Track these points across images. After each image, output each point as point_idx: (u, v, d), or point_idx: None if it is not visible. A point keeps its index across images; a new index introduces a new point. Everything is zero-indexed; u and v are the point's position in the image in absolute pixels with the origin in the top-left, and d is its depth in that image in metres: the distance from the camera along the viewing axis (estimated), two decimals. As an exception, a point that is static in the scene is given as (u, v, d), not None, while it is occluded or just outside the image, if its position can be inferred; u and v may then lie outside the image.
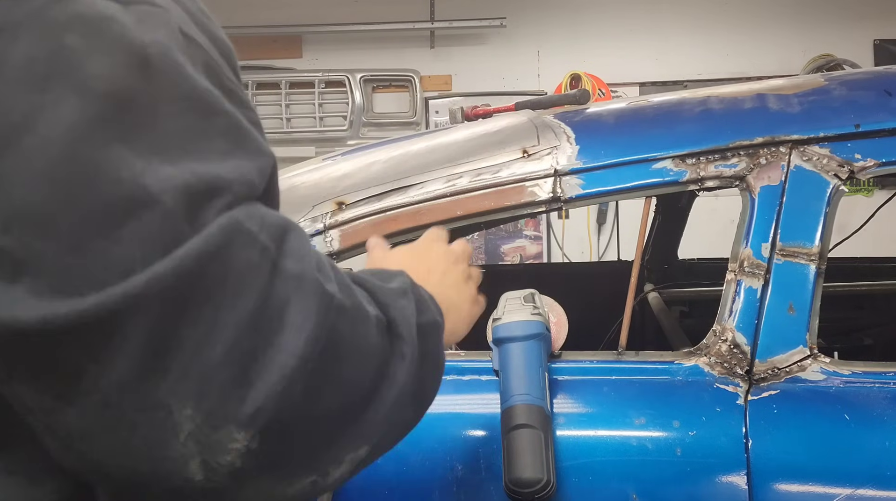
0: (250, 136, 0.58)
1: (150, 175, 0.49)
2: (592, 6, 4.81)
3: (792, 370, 1.15)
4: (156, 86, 0.51)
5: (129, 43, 0.50)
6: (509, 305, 1.21)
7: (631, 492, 1.09)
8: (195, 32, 0.57)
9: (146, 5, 0.53)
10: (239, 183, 0.54)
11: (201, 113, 0.53)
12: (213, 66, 0.57)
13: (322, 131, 4.78)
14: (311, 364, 0.54)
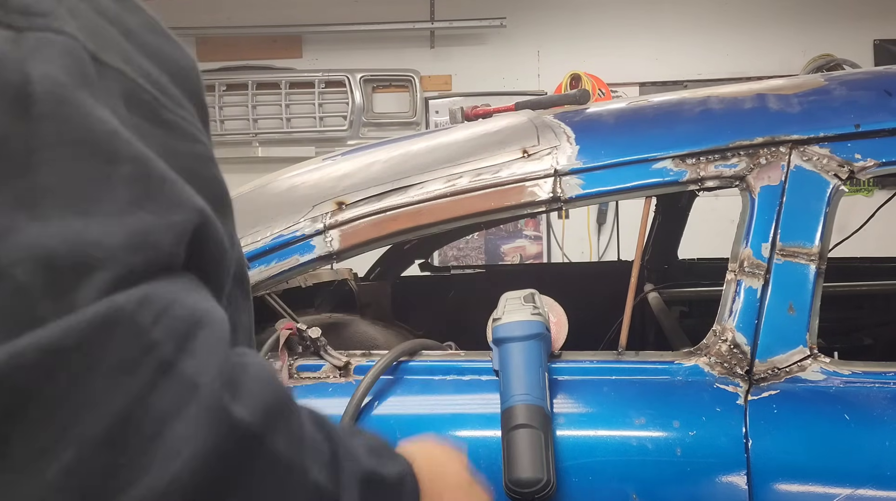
0: (166, 187, 0.47)
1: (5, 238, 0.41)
2: (592, 6, 4.81)
3: (792, 370, 1.15)
4: (36, 128, 0.43)
5: (8, 78, 0.43)
6: (509, 305, 1.21)
7: (631, 492, 1.09)
8: (120, 57, 0.49)
9: (47, 31, 0.45)
10: (132, 249, 0.44)
11: (97, 159, 0.45)
12: (141, 96, 0.49)
13: (322, 131, 4.78)
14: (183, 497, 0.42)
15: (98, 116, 0.45)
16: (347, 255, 1.33)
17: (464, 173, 1.33)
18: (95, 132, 0.45)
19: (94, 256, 0.43)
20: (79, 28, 0.47)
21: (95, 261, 0.42)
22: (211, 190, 0.53)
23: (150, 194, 0.46)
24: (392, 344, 1.31)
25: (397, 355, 1.22)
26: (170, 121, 0.51)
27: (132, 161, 0.46)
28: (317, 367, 1.25)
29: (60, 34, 0.46)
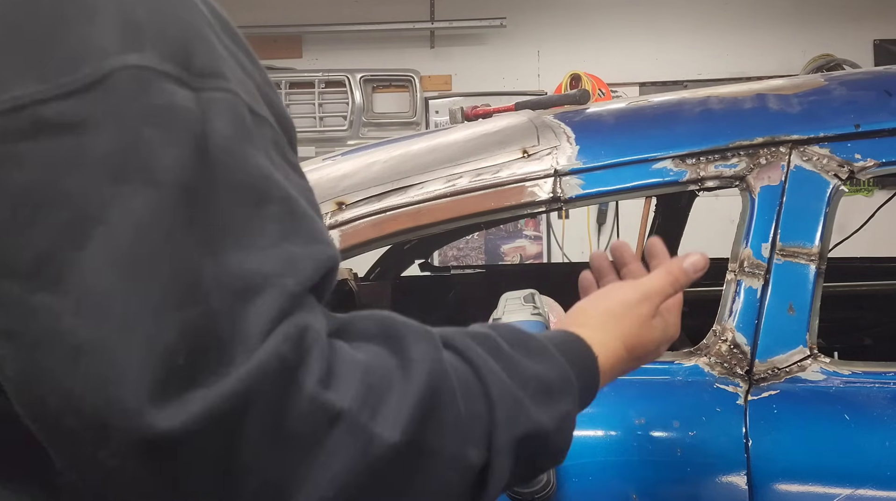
0: (305, 223, 0.54)
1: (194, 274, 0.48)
2: (592, 6, 4.81)
3: (792, 370, 1.15)
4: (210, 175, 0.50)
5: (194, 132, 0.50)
6: (509, 305, 1.21)
7: (631, 492, 1.09)
8: (263, 109, 0.56)
9: (218, 91, 0.52)
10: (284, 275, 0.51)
11: (253, 200, 0.51)
12: (278, 140, 0.56)
13: (322, 131, 4.78)
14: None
15: (255, 163, 0.52)
16: (347, 255, 1.33)
17: (464, 173, 1.33)
18: (254, 177, 0.52)
19: (255, 282, 0.49)
20: (237, 84, 0.54)
21: (256, 287, 0.49)
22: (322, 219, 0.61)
23: (295, 229, 0.53)
24: (392, 344, 1.31)
25: (397, 355, 1.22)
26: (293, 162, 0.58)
27: (281, 201, 0.53)
28: (317, 367, 1.25)
29: (227, 93, 0.52)
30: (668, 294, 0.83)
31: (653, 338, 0.81)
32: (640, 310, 0.80)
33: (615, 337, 0.77)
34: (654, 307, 0.81)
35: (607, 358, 0.75)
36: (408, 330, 0.58)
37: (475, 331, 0.64)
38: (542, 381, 0.64)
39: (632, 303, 0.80)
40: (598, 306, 0.82)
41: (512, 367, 0.62)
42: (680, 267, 0.84)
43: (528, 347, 0.66)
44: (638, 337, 0.79)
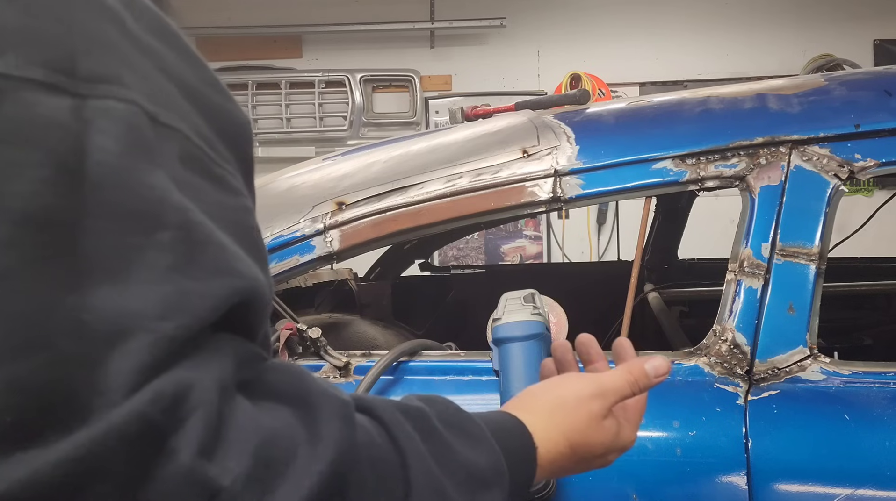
0: (210, 252, 0.47)
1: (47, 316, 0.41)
2: (592, 6, 4.80)
3: (792, 370, 1.15)
4: (84, 200, 0.43)
5: (63, 152, 0.43)
6: (509, 305, 1.21)
7: (631, 492, 1.09)
8: (177, 115, 0.49)
9: (108, 99, 0.45)
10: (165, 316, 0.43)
11: (141, 227, 0.44)
12: (193, 152, 0.49)
13: (322, 131, 4.78)
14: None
15: (148, 183, 0.45)
16: (347, 255, 1.33)
17: (464, 173, 1.33)
18: (144, 200, 0.45)
19: (125, 324, 0.42)
20: (140, 90, 0.47)
21: (126, 331, 0.42)
22: (256, 243, 0.53)
23: (192, 260, 0.46)
24: (392, 345, 1.31)
25: (397, 355, 1.22)
26: (219, 176, 0.51)
27: (177, 227, 0.45)
28: (317, 368, 1.25)
29: (122, 101, 0.46)
30: (624, 394, 0.77)
31: (601, 441, 0.74)
32: (591, 406, 0.74)
33: (560, 431, 0.71)
34: (607, 406, 0.75)
35: (548, 452, 0.70)
36: (324, 401, 0.50)
37: (409, 405, 0.59)
38: (472, 471, 0.59)
39: (584, 397, 0.74)
40: (548, 393, 0.76)
41: (442, 452, 0.58)
42: (641, 369, 0.78)
43: (463, 430, 0.62)
44: (584, 435, 0.73)
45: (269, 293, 0.52)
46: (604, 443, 0.74)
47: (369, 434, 0.52)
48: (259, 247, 0.53)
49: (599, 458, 0.76)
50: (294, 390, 0.50)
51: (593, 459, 0.75)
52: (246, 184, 0.54)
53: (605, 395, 0.75)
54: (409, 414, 0.58)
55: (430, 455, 0.56)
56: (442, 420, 0.61)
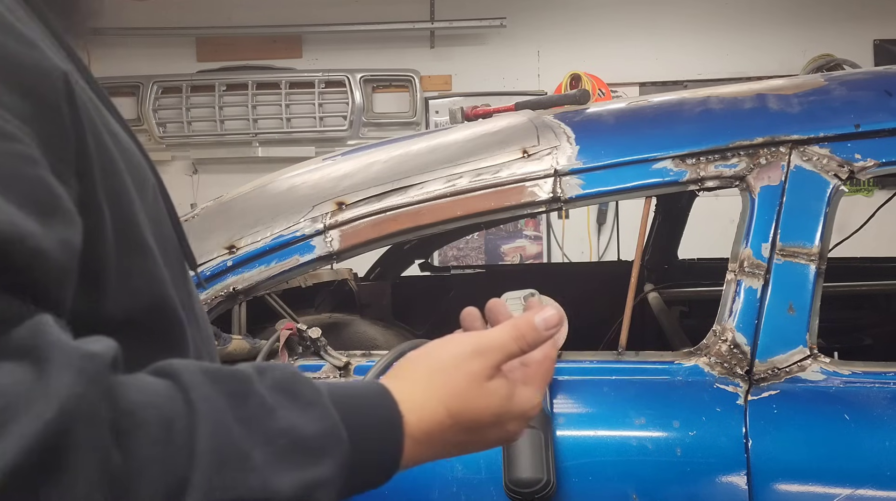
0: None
1: None
2: (592, 6, 4.80)
3: (792, 370, 1.15)
4: None
5: None
6: (509, 305, 1.21)
7: (631, 492, 1.09)
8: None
9: None
10: None
11: None
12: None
13: (322, 131, 4.78)
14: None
15: None
16: (347, 255, 1.33)
17: (464, 173, 1.33)
18: None
19: None
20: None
21: None
22: (36, 193, 0.48)
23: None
24: (392, 344, 1.31)
25: (397, 355, 1.22)
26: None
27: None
28: (317, 367, 1.25)
29: None
30: (510, 351, 0.67)
31: (487, 406, 0.65)
32: (471, 367, 0.65)
33: (436, 399, 0.63)
34: (490, 365, 0.65)
35: (421, 421, 0.62)
36: (58, 354, 0.44)
37: (225, 370, 0.54)
38: (296, 438, 0.53)
39: (462, 357, 0.65)
40: (424, 357, 0.68)
41: (257, 416, 0.52)
42: (528, 322, 0.68)
43: (295, 394, 0.55)
44: (465, 400, 0.64)
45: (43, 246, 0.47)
46: (491, 408, 0.65)
47: (146, 394, 0.47)
48: (34, 198, 0.48)
49: (494, 428, 0.67)
50: (29, 345, 0.45)
51: (486, 430, 0.66)
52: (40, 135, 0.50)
53: (487, 353, 0.66)
54: (220, 377, 0.52)
55: (237, 421, 0.50)
56: (270, 386, 0.54)
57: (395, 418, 0.61)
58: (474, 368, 0.65)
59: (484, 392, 0.65)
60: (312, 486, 0.52)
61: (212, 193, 2.42)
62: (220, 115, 4.79)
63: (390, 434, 0.60)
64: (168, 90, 4.81)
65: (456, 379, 0.64)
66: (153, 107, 4.80)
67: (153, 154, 4.86)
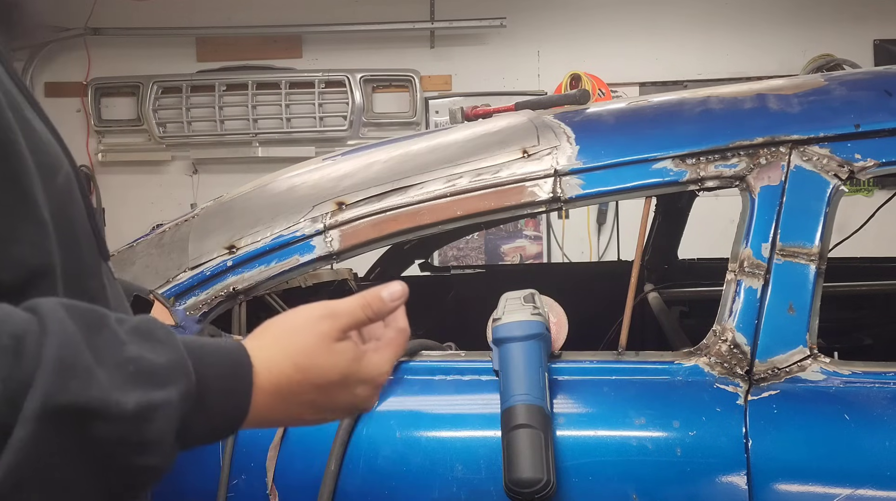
0: None
1: None
2: (592, 6, 4.80)
3: (792, 370, 1.15)
4: None
5: None
6: (509, 305, 1.21)
7: (631, 492, 1.09)
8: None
9: None
10: None
11: None
12: None
13: (322, 131, 4.79)
14: None
15: None
16: (347, 255, 1.33)
17: (464, 173, 1.33)
18: None
19: None
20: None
21: None
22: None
23: None
24: (392, 344, 1.31)
25: (397, 355, 1.22)
26: None
27: None
28: (317, 367, 1.25)
29: None
30: (357, 317, 0.74)
31: (334, 363, 0.71)
32: (320, 327, 0.71)
33: (285, 354, 0.69)
34: (338, 327, 0.72)
35: (269, 372, 0.67)
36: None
37: (83, 305, 0.59)
38: (142, 365, 0.58)
39: (312, 319, 0.72)
40: (279, 320, 0.74)
41: (107, 345, 0.57)
42: (375, 294, 0.76)
43: (149, 333, 0.61)
44: (311, 356, 0.70)
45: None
46: (338, 367, 0.71)
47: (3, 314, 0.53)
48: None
49: (343, 389, 0.72)
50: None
51: (335, 389, 0.71)
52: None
53: (336, 317, 0.72)
54: (78, 312, 0.57)
55: (87, 345, 0.55)
56: (127, 329, 0.59)
57: (245, 366, 0.66)
58: (323, 328, 0.71)
59: (331, 350, 0.71)
60: (153, 407, 0.56)
61: (212, 193, 2.42)
62: (220, 115, 4.79)
63: (239, 381, 0.65)
64: (168, 90, 4.82)
65: (305, 338, 0.70)
66: (153, 107, 4.80)
67: (153, 154, 4.82)
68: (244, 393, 0.65)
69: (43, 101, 5.05)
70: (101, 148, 4.98)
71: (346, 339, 0.73)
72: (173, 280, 1.35)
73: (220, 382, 0.64)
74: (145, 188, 4.99)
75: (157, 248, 1.48)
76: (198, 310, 1.30)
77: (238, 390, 0.65)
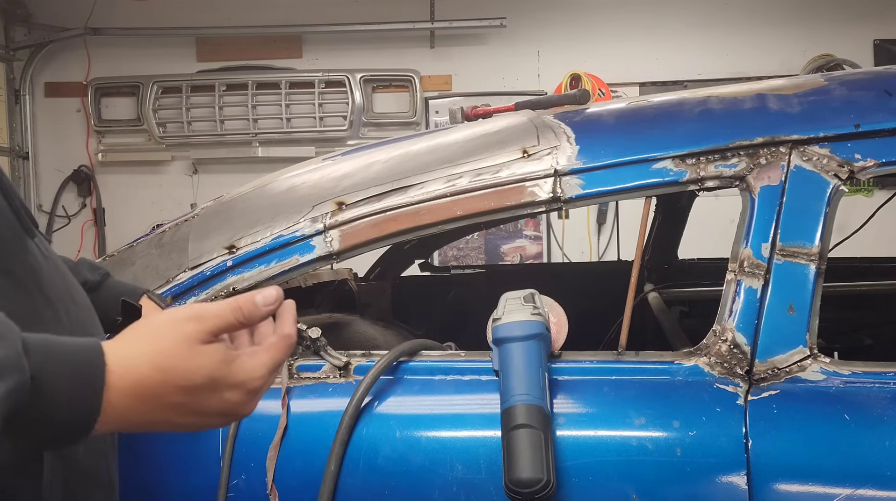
0: None
1: None
2: (592, 6, 4.81)
3: (792, 370, 1.15)
4: None
5: None
6: (509, 305, 1.21)
7: (631, 492, 1.09)
8: None
9: None
10: None
11: None
12: None
13: (322, 131, 4.79)
14: None
15: None
16: (347, 255, 1.33)
17: (464, 173, 1.33)
18: None
19: None
20: None
21: None
22: None
23: None
24: (392, 344, 1.31)
25: (397, 355, 1.22)
26: None
27: None
28: (317, 367, 1.25)
29: None
30: (227, 320, 0.72)
31: (199, 366, 0.69)
32: (184, 328, 0.69)
33: (144, 354, 0.67)
34: (205, 329, 0.70)
35: (127, 373, 0.66)
36: None
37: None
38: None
39: (177, 320, 0.70)
40: (146, 320, 0.72)
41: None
42: (248, 298, 0.73)
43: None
44: (174, 357, 0.68)
45: None
46: (203, 369, 0.69)
47: None
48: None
49: (212, 393, 0.70)
50: None
51: (203, 393, 0.69)
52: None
53: (203, 319, 0.70)
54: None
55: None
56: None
57: (97, 365, 0.65)
58: (187, 330, 0.69)
59: (195, 352, 0.68)
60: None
61: (212, 193, 2.42)
62: (219, 115, 4.79)
63: (89, 378, 0.64)
64: (168, 90, 4.82)
65: (166, 338, 0.68)
66: (153, 107, 4.80)
67: (153, 154, 4.83)
68: (94, 390, 0.64)
69: (43, 101, 5.08)
70: (101, 148, 4.98)
71: (214, 342, 0.71)
72: (173, 280, 1.35)
73: (66, 379, 0.63)
74: (145, 188, 4.99)
75: (157, 248, 1.48)
76: (198, 310, 1.30)
77: (88, 386, 0.64)
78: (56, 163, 4.94)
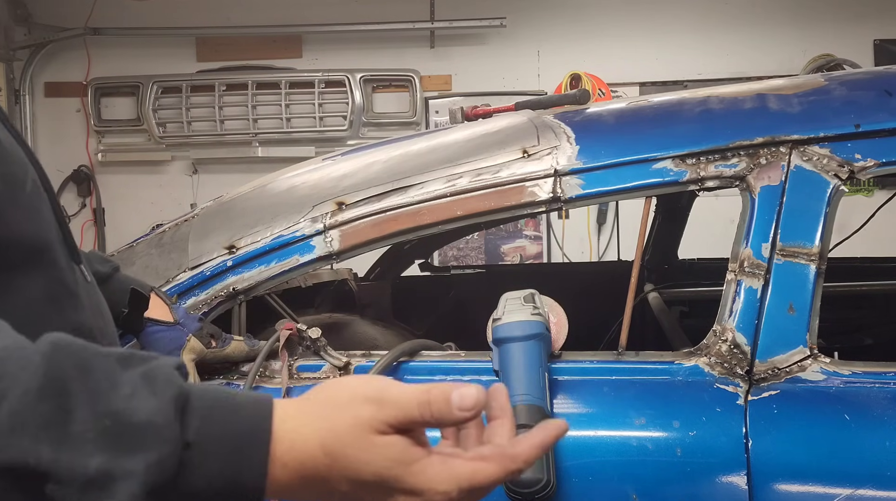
0: None
1: None
2: (592, 6, 4.80)
3: (792, 370, 1.15)
4: None
5: None
6: (509, 305, 1.21)
7: (631, 492, 1.09)
8: None
9: None
10: None
11: None
12: None
13: (322, 131, 4.79)
14: None
15: None
16: (347, 255, 1.33)
17: (464, 173, 1.33)
18: None
19: None
20: None
21: None
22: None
23: None
24: (392, 345, 1.31)
25: (397, 355, 1.22)
26: None
27: None
28: (317, 367, 1.25)
29: None
30: (410, 413, 0.59)
31: (368, 460, 0.58)
32: (360, 410, 0.58)
33: (315, 430, 0.58)
34: (382, 418, 0.58)
35: (293, 448, 0.57)
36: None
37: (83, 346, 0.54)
38: (120, 419, 0.52)
39: (356, 398, 0.59)
40: (333, 385, 0.62)
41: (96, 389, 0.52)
42: (442, 391, 0.59)
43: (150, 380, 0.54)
44: (343, 442, 0.58)
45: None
46: (372, 465, 0.58)
47: None
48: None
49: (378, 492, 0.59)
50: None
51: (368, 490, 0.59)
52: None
53: (383, 403, 0.59)
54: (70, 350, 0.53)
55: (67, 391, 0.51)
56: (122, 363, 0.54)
57: (261, 434, 0.56)
58: (363, 414, 0.58)
59: (366, 443, 0.58)
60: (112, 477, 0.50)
61: (212, 193, 2.42)
62: (219, 115, 4.79)
63: (251, 449, 0.56)
64: (168, 90, 4.82)
65: (341, 418, 0.58)
66: (153, 107, 4.80)
67: (153, 154, 4.83)
68: (257, 464, 0.56)
69: (43, 101, 5.07)
70: (101, 148, 4.98)
71: (394, 435, 0.59)
72: (173, 280, 1.35)
73: (225, 448, 0.55)
74: (145, 188, 4.99)
75: (157, 248, 1.48)
76: (198, 310, 1.30)
77: (249, 462, 0.56)
78: (56, 163, 4.93)
